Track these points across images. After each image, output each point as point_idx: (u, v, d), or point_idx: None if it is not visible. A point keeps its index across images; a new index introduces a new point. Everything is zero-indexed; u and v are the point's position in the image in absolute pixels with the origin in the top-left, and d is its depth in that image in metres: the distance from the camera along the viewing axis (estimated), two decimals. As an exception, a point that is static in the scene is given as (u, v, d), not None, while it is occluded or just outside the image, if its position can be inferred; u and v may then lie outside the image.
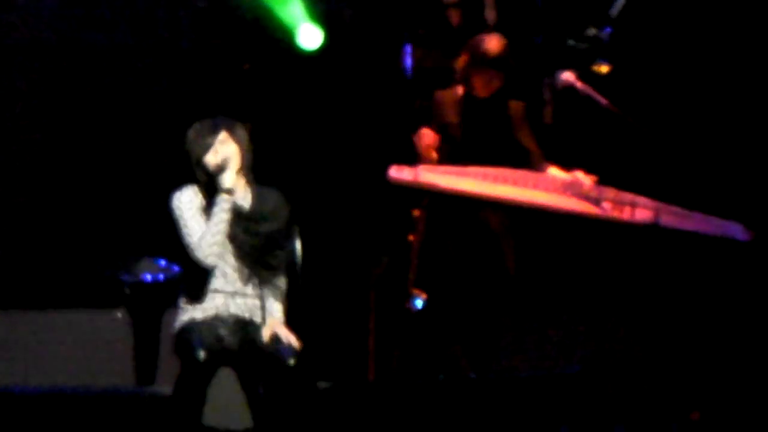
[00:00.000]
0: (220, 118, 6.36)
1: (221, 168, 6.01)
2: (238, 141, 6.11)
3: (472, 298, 7.43)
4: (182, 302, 6.23)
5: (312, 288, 6.76)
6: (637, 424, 7.15)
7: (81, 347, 7.99)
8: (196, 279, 6.14)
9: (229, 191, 6.00)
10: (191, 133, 6.29)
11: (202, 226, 6.17)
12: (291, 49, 8.67)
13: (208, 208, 6.16)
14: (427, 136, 7.41)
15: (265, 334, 5.94)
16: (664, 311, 8.06)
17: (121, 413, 6.77)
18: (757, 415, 7.12)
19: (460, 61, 7.63)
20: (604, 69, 7.99)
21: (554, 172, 7.42)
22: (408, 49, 8.37)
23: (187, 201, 6.19)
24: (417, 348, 7.58)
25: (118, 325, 8.08)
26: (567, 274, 8.26)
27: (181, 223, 6.20)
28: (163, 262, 8.04)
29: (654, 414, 7.48)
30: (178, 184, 6.30)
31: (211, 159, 6.10)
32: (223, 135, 6.08)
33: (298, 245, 6.32)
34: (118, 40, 8.84)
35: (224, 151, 5.99)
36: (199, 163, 6.07)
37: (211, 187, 6.11)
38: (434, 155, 7.47)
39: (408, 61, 8.40)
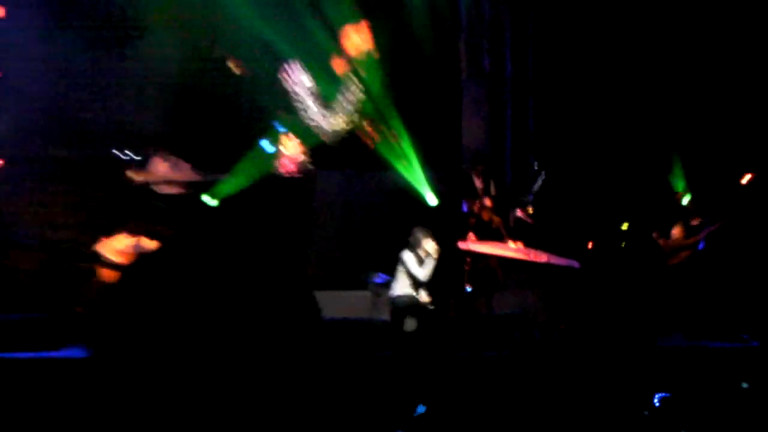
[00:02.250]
0: (426, 230, 10.83)
1: (431, 253, 10.80)
2: (435, 241, 10.77)
3: (483, 285, 12.13)
4: (395, 286, 10.96)
5: (434, 287, 11.09)
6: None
7: (350, 308, 11.93)
8: (406, 281, 10.89)
9: (432, 257, 10.71)
10: (418, 231, 10.98)
11: (418, 268, 10.89)
12: (423, 202, 13.10)
13: (418, 259, 10.87)
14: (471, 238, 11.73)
15: (424, 300, 10.84)
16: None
17: (364, 330, 11.05)
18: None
19: (476, 207, 12.35)
20: (530, 209, 12.83)
21: (512, 244, 11.89)
22: (465, 203, 12.69)
23: (409, 259, 10.99)
24: (469, 303, 12.06)
25: (367, 299, 12.32)
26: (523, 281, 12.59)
27: (407, 267, 10.89)
28: (382, 274, 12.20)
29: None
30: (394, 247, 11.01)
31: (429, 247, 10.92)
32: (431, 239, 10.90)
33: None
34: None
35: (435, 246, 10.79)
36: (419, 245, 11.01)
37: (417, 251, 10.85)
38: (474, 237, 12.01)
39: (464, 206, 12.70)
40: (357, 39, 12.41)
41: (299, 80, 12.82)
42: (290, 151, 12.81)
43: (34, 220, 13.58)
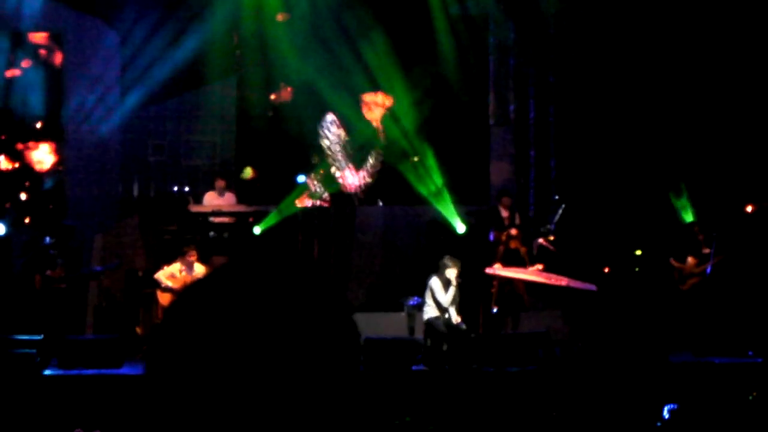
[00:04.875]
0: (454, 259, 10.97)
1: (452, 281, 10.96)
2: (458, 269, 10.92)
3: (509, 306, 12.41)
4: (427, 309, 11.23)
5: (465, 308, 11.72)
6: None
7: (388, 327, 12.09)
8: (438, 304, 11.24)
9: (453, 284, 10.97)
10: (446, 259, 11.09)
11: (443, 295, 11.09)
12: (453, 231, 13.28)
13: (444, 284, 11.10)
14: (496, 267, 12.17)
15: (455, 320, 11.14)
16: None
17: (400, 347, 11.30)
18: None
19: (503, 236, 12.58)
20: (552, 238, 12.92)
21: (533, 268, 12.10)
22: (491, 233, 13.04)
23: (436, 285, 11.22)
24: (496, 323, 12.30)
25: (402, 319, 12.35)
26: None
27: (435, 293, 11.12)
28: (416, 297, 12.12)
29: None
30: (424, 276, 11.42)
31: (451, 274, 11.03)
32: (455, 267, 11.00)
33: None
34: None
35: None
36: (445, 271, 11.13)
37: (443, 277, 11.08)
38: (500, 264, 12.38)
39: (491, 236, 13.04)
40: (376, 108, 13.10)
41: (334, 135, 13.14)
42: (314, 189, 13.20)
43: (109, 250, 13.52)
